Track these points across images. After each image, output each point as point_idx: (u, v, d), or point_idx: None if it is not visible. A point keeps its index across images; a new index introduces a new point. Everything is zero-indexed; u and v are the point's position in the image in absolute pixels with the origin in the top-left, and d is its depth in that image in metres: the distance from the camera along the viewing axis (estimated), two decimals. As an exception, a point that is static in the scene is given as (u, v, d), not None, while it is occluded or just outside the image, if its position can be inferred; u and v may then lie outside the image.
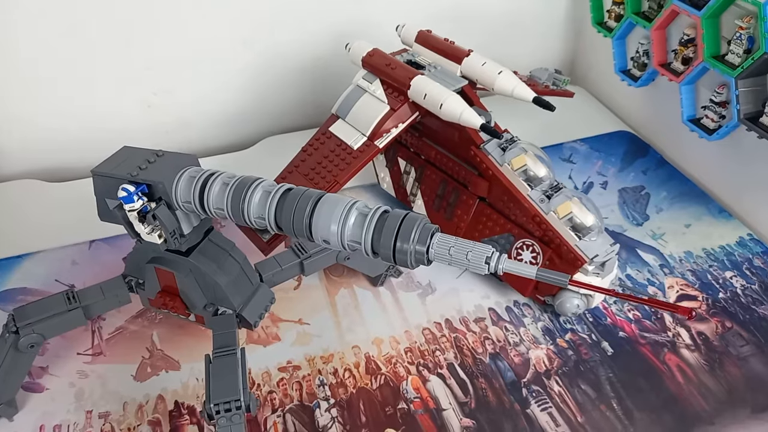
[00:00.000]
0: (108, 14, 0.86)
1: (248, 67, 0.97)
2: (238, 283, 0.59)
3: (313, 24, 0.95)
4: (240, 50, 0.95)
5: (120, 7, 0.86)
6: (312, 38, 0.97)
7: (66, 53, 0.88)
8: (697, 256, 0.79)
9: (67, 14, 0.85)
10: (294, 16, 0.94)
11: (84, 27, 0.86)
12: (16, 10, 0.83)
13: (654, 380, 0.65)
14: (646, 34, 0.93)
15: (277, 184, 0.49)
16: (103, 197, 0.55)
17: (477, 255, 0.43)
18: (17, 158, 0.95)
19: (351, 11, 0.95)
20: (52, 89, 0.90)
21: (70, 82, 0.90)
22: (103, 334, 0.70)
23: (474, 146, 0.72)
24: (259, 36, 0.94)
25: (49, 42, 0.86)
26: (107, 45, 0.89)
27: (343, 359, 0.67)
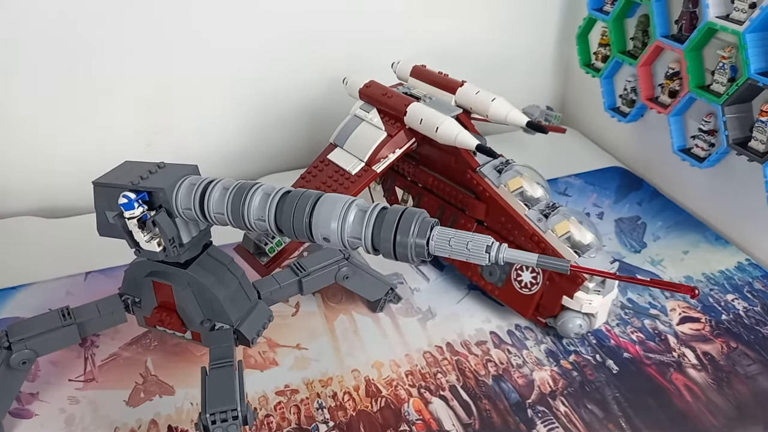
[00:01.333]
0: (107, 56, 0.89)
1: (247, 107, 0.99)
2: (236, 298, 0.58)
3: (309, 66, 0.98)
4: (239, 90, 0.97)
5: (120, 50, 0.89)
6: (308, 79, 1.00)
7: (66, 95, 0.90)
8: (697, 280, 0.79)
9: (65, 56, 0.87)
10: (292, 58, 0.97)
11: (83, 69, 0.89)
12: (16, 52, 0.85)
13: (662, 399, 0.63)
14: (632, 71, 0.97)
15: (276, 187, 0.49)
16: (103, 209, 0.56)
17: (477, 245, 0.43)
18: (17, 197, 0.95)
19: (346, 53, 0.98)
20: (52, 129, 0.92)
21: (69, 122, 0.92)
22: (96, 360, 0.68)
23: (470, 170, 0.73)
24: (258, 76, 0.97)
25: (50, 83, 0.88)
26: (107, 85, 0.91)
27: (342, 382, 0.65)
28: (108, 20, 0.87)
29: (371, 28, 0.99)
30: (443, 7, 1.02)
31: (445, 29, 1.03)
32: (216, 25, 0.92)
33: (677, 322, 0.72)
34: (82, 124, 0.93)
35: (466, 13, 1.04)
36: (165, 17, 0.89)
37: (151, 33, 0.89)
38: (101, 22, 0.87)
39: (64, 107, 0.91)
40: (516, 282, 0.71)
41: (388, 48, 0.92)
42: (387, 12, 0.99)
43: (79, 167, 0.93)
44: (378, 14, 0.99)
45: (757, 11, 0.72)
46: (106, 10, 0.86)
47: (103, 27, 0.87)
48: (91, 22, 0.86)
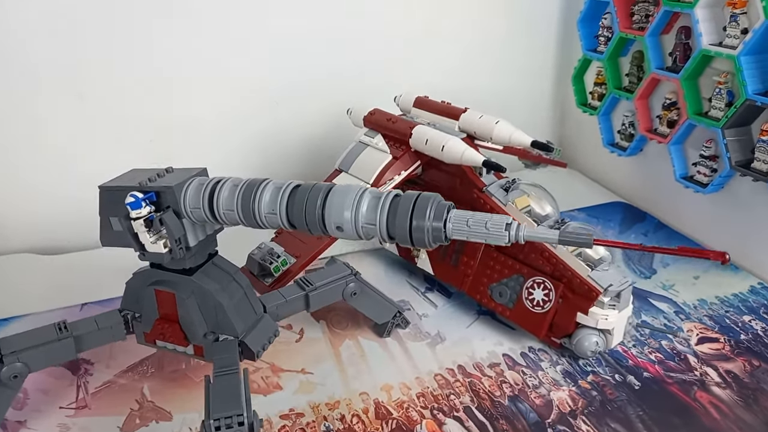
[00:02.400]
0: (108, 96, 0.90)
1: (247, 144, 1.00)
2: (241, 309, 0.56)
3: (312, 102, 1.00)
4: (241, 127, 0.98)
5: (122, 89, 0.90)
6: (312, 115, 1.01)
7: (65, 133, 0.90)
8: (711, 303, 0.77)
9: (65, 95, 0.88)
10: (294, 96, 0.98)
11: (85, 107, 0.89)
12: (12, 93, 0.86)
13: (687, 417, 0.60)
14: (629, 107, 0.99)
15: (286, 182, 0.49)
16: (108, 216, 0.54)
17: (496, 224, 0.42)
18: (15, 235, 0.93)
19: (347, 90, 0.99)
20: (51, 168, 0.92)
21: (69, 162, 0.92)
22: (89, 388, 0.64)
23: (477, 190, 0.73)
24: (261, 113, 0.98)
25: (50, 120, 0.89)
26: (108, 124, 0.91)
27: (350, 405, 0.62)
28: (113, 63, 0.88)
29: (374, 67, 1.01)
30: (442, 48, 1.05)
31: (443, 73, 1.06)
32: (216, 67, 0.93)
33: (695, 343, 0.70)
34: (80, 162, 0.92)
35: (466, 56, 1.07)
36: (166, 60, 0.90)
37: (152, 73, 0.91)
38: (104, 64, 0.88)
39: (63, 145, 0.91)
40: (527, 301, 0.69)
41: (390, 85, 0.94)
42: (389, 56, 1.02)
43: (78, 207, 0.93)
44: (381, 53, 1.01)
45: (749, 35, 0.74)
46: (110, 53, 0.87)
47: (106, 68, 0.88)
48: (93, 63, 0.87)
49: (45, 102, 0.87)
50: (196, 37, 0.91)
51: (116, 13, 0.86)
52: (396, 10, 1.00)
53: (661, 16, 0.86)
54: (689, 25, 0.84)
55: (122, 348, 0.70)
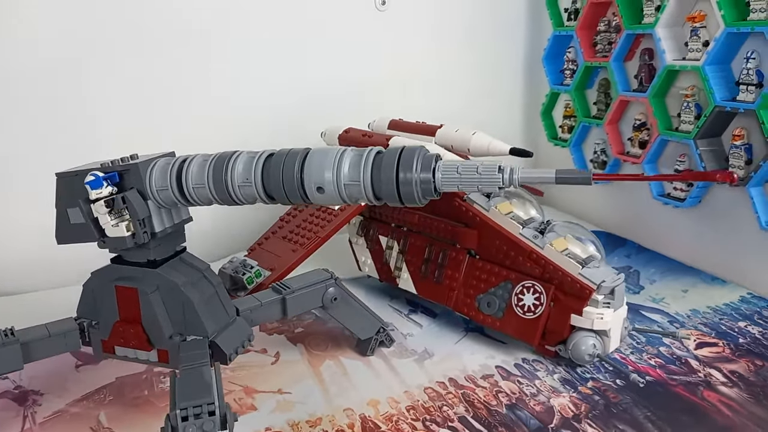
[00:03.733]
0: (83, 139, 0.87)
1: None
2: (212, 307, 0.51)
3: (283, 133, 0.97)
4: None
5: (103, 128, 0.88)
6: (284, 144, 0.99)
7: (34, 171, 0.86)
8: (704, 312, 0.74)
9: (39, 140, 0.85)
10: (270, 131, 0.97)
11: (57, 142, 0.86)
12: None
13: (698, 416, 0.55)
14: (599, 135, 1.00)
15: (259, 151, 0.46)
16: (65, 208, 0.50)
17: (488, 167, 0.39)
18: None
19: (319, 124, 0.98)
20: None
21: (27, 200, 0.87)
22: (37, 418, 0.57)
23: (458, 198, 0.70)
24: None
25: (22, 158, 0.85)
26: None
27: (333, 422, 0.55)
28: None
29: (350, 100, 1.00)
30: (411, 91, 1.06)
31: (411, 111, 1.06)
32: (188, 111, 0.92)
33: (694, 348, 0.66)
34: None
35: (431, 99, 1.07)
36: (144, 106, 0.89)
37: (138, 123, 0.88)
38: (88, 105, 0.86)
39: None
40: (518, 308, 0.65)
41: (361, 115, 0.93)
42: (367, 86, 1.02)
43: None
44: (358, 87, 1.01)
45: (712, 45, 0.76)
46: (91, 91, 0.85)
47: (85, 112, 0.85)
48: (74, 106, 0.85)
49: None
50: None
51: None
52: (367, 49, 1.02)
53: (624, 40, 0.89)
54: (651, 46, 0.87)
55: (75, 378, 0.63)
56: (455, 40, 1.08)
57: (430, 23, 1.06)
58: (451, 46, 1.08)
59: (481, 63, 1.10)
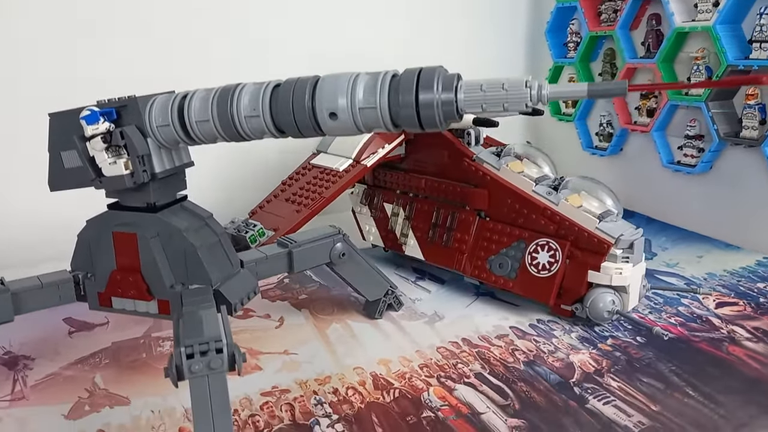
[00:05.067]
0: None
1: (224, 160, 0.94)
2: (215, 255, 0.48)
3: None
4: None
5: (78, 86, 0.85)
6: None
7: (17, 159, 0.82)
8: (720, 275, 0.72)
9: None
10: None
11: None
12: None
13: (726, 368, 0.53)
14: (605, 107, 0.98)
15: (265, 82, 0.43)
16: (58, 151, 0.47)
17: (514, 83, 0.36)
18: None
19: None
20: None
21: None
22: (29, 381, 0.54)
23: (467, 159, 0.68)
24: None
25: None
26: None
27: (343, 380, 0.53)
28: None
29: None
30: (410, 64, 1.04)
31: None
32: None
33: (714, 307, 0.64)
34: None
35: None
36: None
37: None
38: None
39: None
40: (532, 267, 0.62)
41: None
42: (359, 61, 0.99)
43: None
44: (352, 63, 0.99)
45: (722, 3, 0.75)
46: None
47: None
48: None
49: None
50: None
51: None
52: (360, 24, 0.99)
53: (630, 6, 0.88)
54: (659, 11, 0.85)
55: (68, 344, 0.60)
56: (454, 16, 1.06)
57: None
58: (451, 22, 1.06)
59: (481, 38, 1.08)
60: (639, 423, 0.46)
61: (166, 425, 0.47)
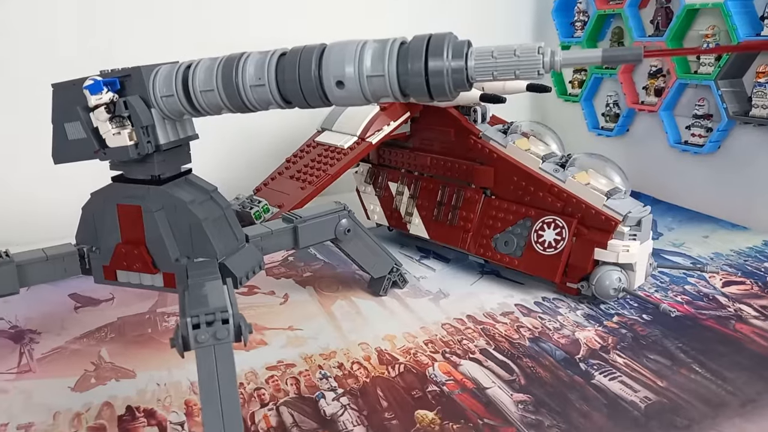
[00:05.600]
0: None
1: (230, 143, 0.93)
2: (220, 229, 0.48)
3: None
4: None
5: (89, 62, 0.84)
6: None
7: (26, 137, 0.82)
8: (727, 255, 0.72)
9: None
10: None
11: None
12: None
13: (733, 346, 0.53)
14: (612, 87, 0.97)
15: (270, 50, 0.42)
16: (62, 122, 0.47)
17: (527, 49, 0.36)
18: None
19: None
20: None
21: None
22: (35, 354, 0.54)
23: (473, 136, 0.67)
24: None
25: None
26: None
27: (348, 355, 0.53)
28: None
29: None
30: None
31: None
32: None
33: (721, 286, 0.64)
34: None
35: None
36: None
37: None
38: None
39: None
40: (537, 245, 0.62)
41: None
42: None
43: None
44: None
45: (733, -20, 0.74)
46: None
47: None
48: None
49: None
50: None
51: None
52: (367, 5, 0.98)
53: (639, -17, 0.86)
54: (669, -12, 0.84)
55: (74, 319, 0.60)
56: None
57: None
58: (456, 2, 1.04)
59: (487, 18, 1.07)
60: (645, 398, 0.46)
61: (171, 397, 0.47)
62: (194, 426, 0.44)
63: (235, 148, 0.93)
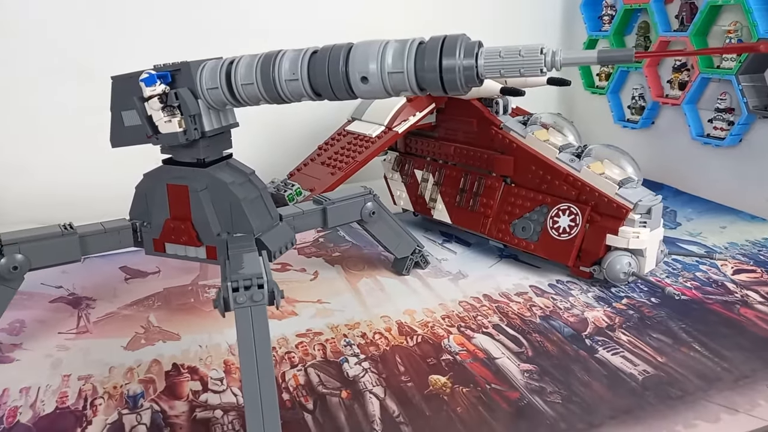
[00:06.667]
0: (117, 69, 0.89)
1: (258, 129, 0.99)
2: (257, 207, 0.53)
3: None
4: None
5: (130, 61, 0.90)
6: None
7: (71, 108, 0.89)
8: (742, 245, 0.74)
9: (71, 68, 0.88)
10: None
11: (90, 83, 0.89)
12: (25, 62, 0.86)
13: (736, 328, 0.56)
14: (638, 81, 0.99)
15: (303, 49, 0.47)
16: (119, 110, 0.52)
17: (530, 50, 0.40)
18: (14, 211, 0.91)
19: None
20: (53, 144, 0.90)
21: (70, 139, 0.90)
22: (91, 318, 0.60)
23: (494, 127, 0.71)
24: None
25: (54, 96, 0.88)
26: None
27: (371, 326, 0.57)
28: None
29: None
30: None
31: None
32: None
33: (732, 273, 0.66)
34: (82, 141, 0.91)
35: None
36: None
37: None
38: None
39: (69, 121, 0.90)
40: (553, 231, 0.66)
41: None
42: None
43: (80, 180, 0.91)
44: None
45: (756, -24, 0.75)
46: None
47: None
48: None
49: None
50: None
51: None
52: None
53: (665, -21, 0.88)
54: (694, -16, 0.86)
55: (125, 289, 0.66)
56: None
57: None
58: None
59: (515, 12, 1.10)
60: (644, 371, 0.50)
61: (212, 357, 0.53)
62: (232, 382, 0.49)
63: (272, 136, 0.98)
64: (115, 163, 0.78)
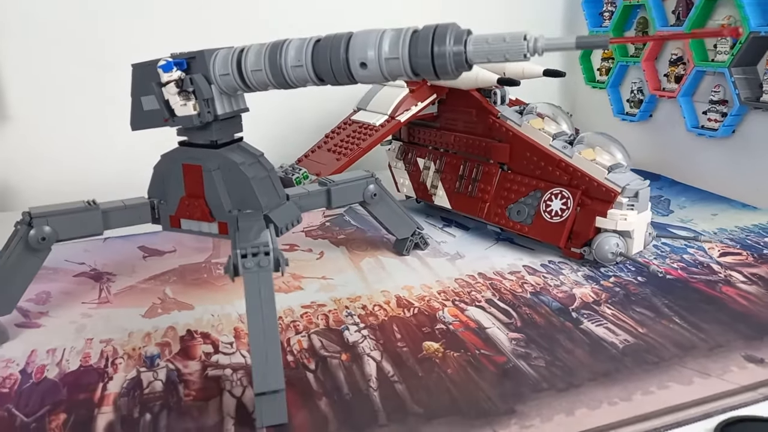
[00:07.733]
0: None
1: (268, 121, 1.03)
2: (265, 186, 0.57)
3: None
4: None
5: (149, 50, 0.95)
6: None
7: (93, 96, 0.94)
8: (730, 230, 0.77)
9: (96, 57, 0.93)
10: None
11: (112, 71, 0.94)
12: (49, 55, 0.91)
13: (716, 304, 0.59)
14: (637, 75, 1.02)
15: (308, 38, 0.51)
16: (139, 96, 0.57)
17: (515, 36, 0.43)
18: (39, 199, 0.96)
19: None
20: (76, 133, 0.95)
21: (93, 127, 0.95)
22: (112, 290, 0.65)
23: (492, 116, 0.75)
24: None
25: (77, 83, 0.93)
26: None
27: (371, 299, 0.61)
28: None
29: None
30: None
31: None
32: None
33: (718, 256, 0.69)
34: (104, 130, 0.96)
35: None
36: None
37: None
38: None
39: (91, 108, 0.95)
40: (546, 214, 0.69)
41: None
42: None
43: (100, 167, 0.95)
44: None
45: (747, -28, 0.78)
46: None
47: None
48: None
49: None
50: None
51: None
52: None
53: (661, -25, 0.91)
54: (689, -20, 0.89)
55: (143, 265, 0.70)
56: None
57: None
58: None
59: (518, 7, 1.13)
60: (624, 341, 0.53)
61: (223, 325, 0.57)
62: (241, 346, 0.53)
63: (281, 126, 1.02)
64: (132, 146, 0.84)
